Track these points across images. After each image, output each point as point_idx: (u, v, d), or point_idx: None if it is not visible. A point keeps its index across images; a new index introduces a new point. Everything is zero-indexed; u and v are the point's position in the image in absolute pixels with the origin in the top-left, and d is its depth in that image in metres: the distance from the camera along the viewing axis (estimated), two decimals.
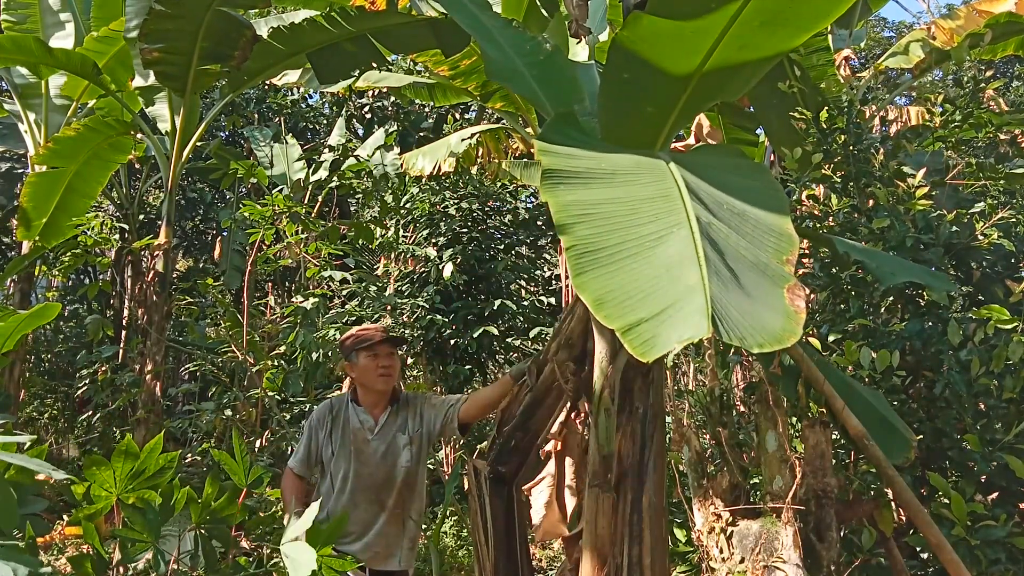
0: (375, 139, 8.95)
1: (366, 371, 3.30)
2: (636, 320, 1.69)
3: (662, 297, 1.73)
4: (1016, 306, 3.12)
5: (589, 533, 2.68)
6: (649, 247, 1.88)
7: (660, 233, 1.91)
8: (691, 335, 1.60)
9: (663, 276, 1.79)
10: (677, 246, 1.85)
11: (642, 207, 2.03)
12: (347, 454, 3.24)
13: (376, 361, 3.29)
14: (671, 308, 1.69)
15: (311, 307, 5.86)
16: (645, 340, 1.65)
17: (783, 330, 1.66)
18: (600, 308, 1.75)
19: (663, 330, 1.66)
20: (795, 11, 2.30)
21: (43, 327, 9.55)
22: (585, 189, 2.07)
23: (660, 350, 1.63)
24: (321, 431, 3.30)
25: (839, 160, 3.60)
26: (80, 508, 1.68)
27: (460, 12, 3.22)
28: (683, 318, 1.66)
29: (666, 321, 1.67)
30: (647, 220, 1.97)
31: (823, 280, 3.48)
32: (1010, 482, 2.94)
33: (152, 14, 5.74)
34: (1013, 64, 13.84)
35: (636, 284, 1.79)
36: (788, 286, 1.78)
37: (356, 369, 3.33)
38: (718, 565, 2.55)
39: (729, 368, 3.26)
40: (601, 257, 1.86)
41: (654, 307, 1.71)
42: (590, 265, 1.84)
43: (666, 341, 1.63)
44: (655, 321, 1.68)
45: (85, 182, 7.56)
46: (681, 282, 1.74)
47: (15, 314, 3.03)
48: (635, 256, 1.86)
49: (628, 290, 1.77)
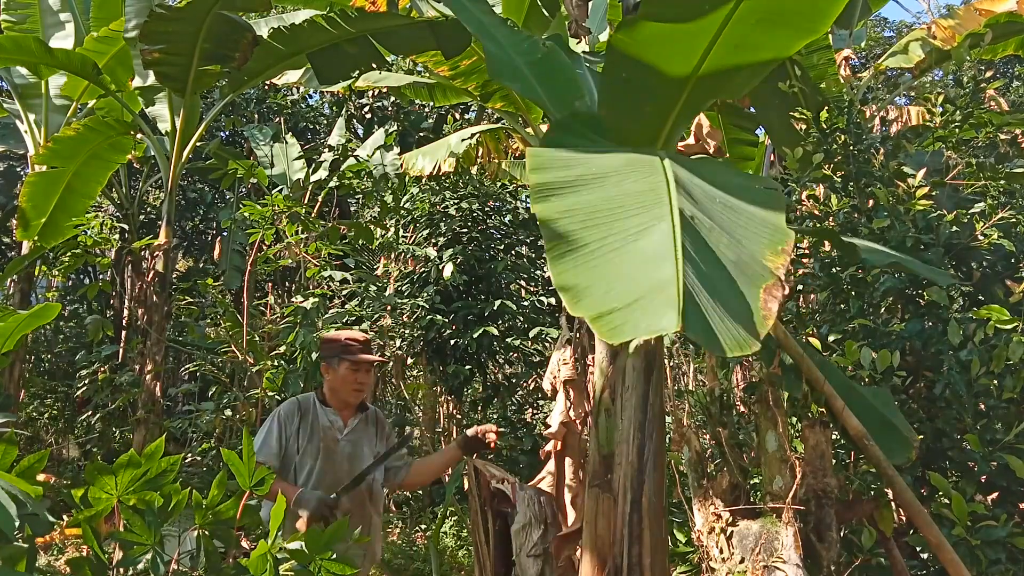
0: (375, 139, 8.95)
1: (343, 381, 3.32)
2: (608, 309, 1.72)
3: (635, 288, 1.76)
4: (1016, 306, 3.12)
5: (589, 533, 2.68)
6: (631, 241, 1.91)
7: (643, 226, 1.94)
8: (660, 327, 1.63)
9: (639, 268, 1.82)
10: (656, 240, 1.87)
11: (627, 201, 2.05)
12: (315, 451, 3.25)
13: (355, 376, 3.32)
14: (643, 299, 1.73)
15: (311, 307, 5.86)
16: (613, 327, 1.69)
17: (745, 338, 1.68)
18: (573, 300, 1.78)
19: (632, 318, 1.69)
20: (789, 11, 2.31)
21: (43, 327, 9.54)
22: (573, 196, 2.09)
23: (627, 335, 1.66)
24: (290, 426, 3.28)
25: (839, 160, 3.61)
26: (80, 510, 1.68)
27: (461, 11, 3.23)
28: (654, 309, 1.69)
29: (636, 311, 1.70)
30: (632, 214, 1.99)
31: (823, 280, 3.48)
32: (1010, 482, 2.95)
33: (153, 16, 5.75)
34: (1013, 64, 13.84)
35: (614, 276, 1.82)
36: (766, 285, 1.79)
37: (333, 374, 3.34)
38: (718, 565, 2.55)
39: (729, 368, 3.27)
40: (581, 253, 1.89)
41: (626, 298, 1.74)
42: (567, 260, 1.87)
43: (634, 328, 1.66)
44: (626, 310, 1.71)
45: (84, 182, 7.55)
46: (655, 275, 1.77)
47: (15, 314, 3.03)
48: (617, 250, 1.89)
49: (605, 282, 1.81)
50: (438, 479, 7.17)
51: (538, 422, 7.61)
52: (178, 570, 1.73)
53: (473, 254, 7.20)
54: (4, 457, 1.58)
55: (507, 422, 7.52)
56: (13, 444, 1.59)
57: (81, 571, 1.59)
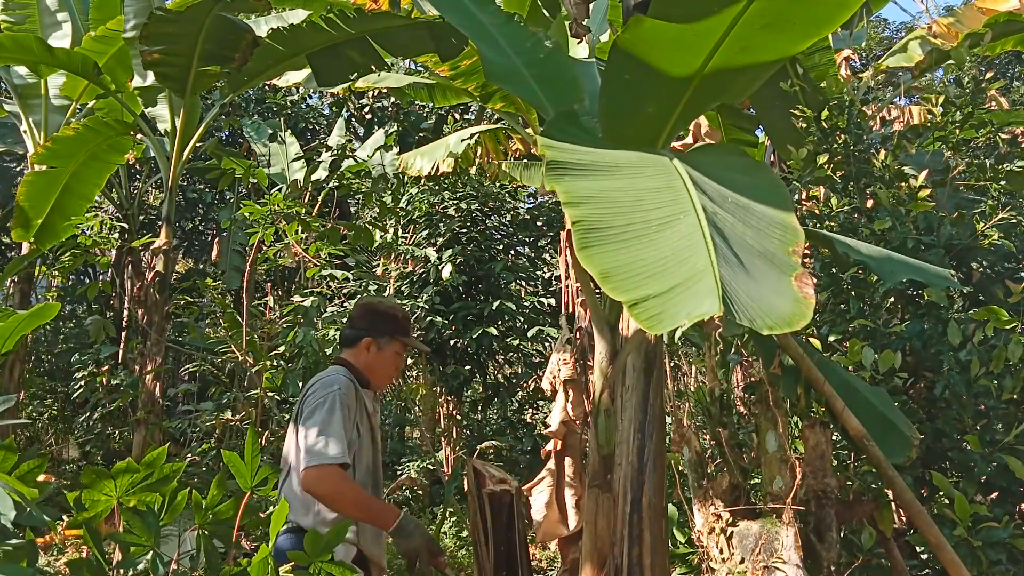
0: (375, 140, 8.95)
1: (386, 362, 2.93)
2: (643, 296, 1.68)
3: (670, 276, 1.72)
4: (1016, 306, 3.12)
5: (589, 533, 2.68)
6: (656, 231, 1.87)
7: (666, 219, 1.91)
8: (701, 312, 1.59)
9: (670, 258, 1.78)
10: (684, 231, 1.84)
11: (647, 196, 2.03)
12: (368, 443, 2.81)
13: (400, 360, 3.00)
14: (680, 287, 1.69)
15: (310, 305, 5.86)
16: (653, 315, 1.64)
17: (793, 314, 1.65)
18: (607, 281, 1.74)
19: (671, 306, 1.64)
20: (797, 14, 2.30)
21: (43, 328, 9.55)
22: (590, 180, 2.07)
23: (669, 325, 1.62)
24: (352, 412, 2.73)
25: (839, 160, 3.60)
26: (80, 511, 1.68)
27: (455, 12, 3.19)
28: (692, 295, 1.65)
29: (675, 298, 1.66)
30: (653, 207, 1.97)
31: (824, 280, 3.48)
32: (1010, 483, 2.95)
33: (153, 18, 5.75)
34: (1014, 64, 13.84)
35: (643, 263, 1.78)
36: (796, 274, 1.78)
37: (378, 352, 2.91)
38: (718, 566, 2.55)
39: (729, 368, 3.26)
40: (608, 235, 1.85)
41: (662, 285, 1.70)
42: (596, 240, 1.83)
43: (674, 316, 1.62)
44: (663, 297, 1.67)
45: (83, 183, 7.54)
46: (689, 264, 1.74)
47: (15, 314, 3.03)
48: (641, 238, 1.85)
49: (635, 267, 1.77)
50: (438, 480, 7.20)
51: (538, 422, 7.62)
52: (178, 570, 1.73)
53: (472, 254, 7.20)
54: (4, 462, 1.57)
55: (507, 422, 7.53)
56: (13, 451, 1.59)
57: (80, 572, 1.59)
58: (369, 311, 3.04)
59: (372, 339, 2.91)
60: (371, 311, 3.03)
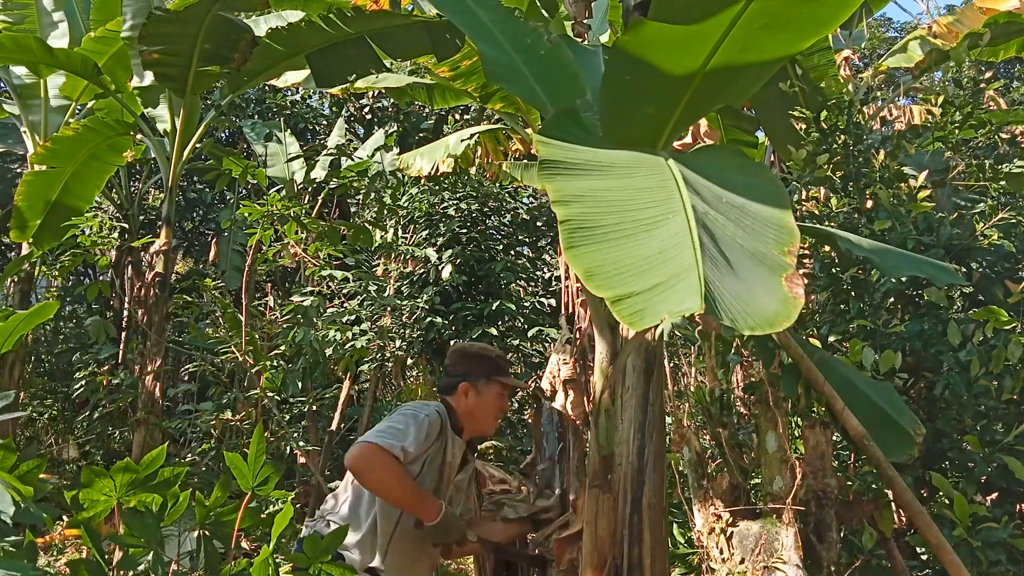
0: (375, 140, 8.95)
1: (488, 406, 2.83)
2: (627, 292, 1.72)
3: (654, 274, 1.76)
4: (1016, 307, 3.12)
5: (589, 533, 2.68)
6: (644, 230, 1.91)
7: (656, 218, 1.94)
8: (683, 308, 1.62)
9: (656, 257, 1.82)
10: (672, 231, 1.87)
11: (639, 195, 2.05)
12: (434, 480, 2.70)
13: (503, 401, 2.88)
14: (663, 284, 1.72)
15: (310, 305, 5.86)
16: (635, 311, 1.68)
17: (777, 314, 1.67)
18: (591, 279, 1.77)
19: (653, 303, 1.68)
20: (797, 14, 2.30)
21: (43, 328, 9.55)
22: (582, 179, 2.10)
23: (650, 320, 1.65)
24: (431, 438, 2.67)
25: (839, 160, 3.60)
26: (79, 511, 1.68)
27: (454, 9, 3.18)
28: (675, 293, 1.68)
29: (658, 295, 1.70)
30: (644, 207, 1.99)
31: (824, 280, 3.47)
32: (1010, 483, 2.95)
33: (152, 18, 5.74)
34: (1013, 64, 13.84)
35: (629, 261, 1.82)
36: (786, 275, 1.79)
37: (476, 397, 2.82)
38: (718, 566, 2.55)
39: (729, 368, 3.26)
40: (596, 234, 1.89)
41: (646, 282, 1.74)
42: (583, 240, 1.87)
43: (656, 312, 1.65)
44: (646, 294, 1.71)
45: (81, 184, 7.53)
46: (674, 263, 1.77)
47: (15, 314, 3.02)
48: (629, 237, 1.89)
49: (620, 266, 1.80)
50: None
51: None
52: (178, 571, 1.72)
53: (472, 255, 7.20)
54: (3, 461, 1.57)
55: (507, 422, 7.52)
56: (12, 451, 1.59)
57: (80, 572, 1.58)
58: (461, 355, 2.97)
59: (469, 384, 2.85)
60: (463, 355, 2.97)
